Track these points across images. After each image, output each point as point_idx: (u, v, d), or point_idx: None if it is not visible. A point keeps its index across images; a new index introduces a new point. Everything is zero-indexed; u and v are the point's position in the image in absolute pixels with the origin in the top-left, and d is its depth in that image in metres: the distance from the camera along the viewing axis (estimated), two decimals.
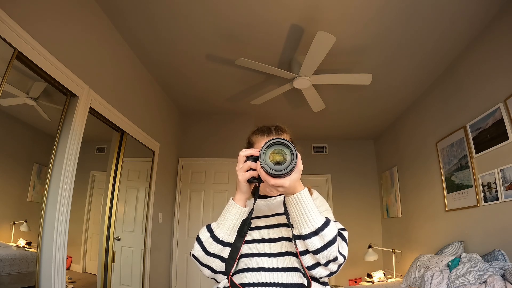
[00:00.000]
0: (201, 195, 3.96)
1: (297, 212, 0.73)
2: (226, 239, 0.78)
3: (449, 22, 2.27)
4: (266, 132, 0.97)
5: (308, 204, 0.73)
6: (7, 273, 1.59)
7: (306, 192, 0.73)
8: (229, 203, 0.80)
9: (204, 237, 0.81)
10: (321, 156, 5.02)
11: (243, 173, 0.76)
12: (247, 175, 0.76)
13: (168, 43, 2.57)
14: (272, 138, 0.70)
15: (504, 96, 2.10)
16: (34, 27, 1.55)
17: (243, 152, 0.76)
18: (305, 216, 0.72)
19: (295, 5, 2.11)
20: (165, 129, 3.56)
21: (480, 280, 1.89)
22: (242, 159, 0.76)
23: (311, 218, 0.72)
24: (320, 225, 0.72)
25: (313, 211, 0.73)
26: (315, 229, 0.71)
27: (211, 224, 0.83)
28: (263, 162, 0.69)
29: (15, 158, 1.77)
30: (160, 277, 3.38)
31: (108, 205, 2.47)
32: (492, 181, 2.21)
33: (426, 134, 3.29)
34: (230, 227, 0.79)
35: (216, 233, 0.79)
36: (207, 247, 0.79)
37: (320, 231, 0.71)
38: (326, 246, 0.72)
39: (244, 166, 0.76)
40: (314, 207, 0.73)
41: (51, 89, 1.79)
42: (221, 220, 0.80)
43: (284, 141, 0.69)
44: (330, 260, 0.74)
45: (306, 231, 0.72)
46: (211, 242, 0.79)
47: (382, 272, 3.59)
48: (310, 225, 0.72)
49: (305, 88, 2.74)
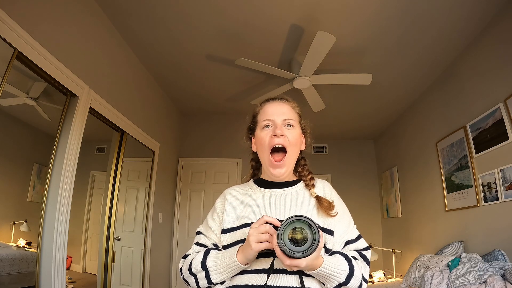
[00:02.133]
0: (201, 195, 3.96)
1: (321, 278, 0.71)
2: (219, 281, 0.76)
3: (449, 22, 2.26)
4: (271, 99, 0.92)
5: (330, 270, 0.69)
6: (7, 273, 1.59)
7: (326, 262, 0.68)
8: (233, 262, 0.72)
9: (199, 275, 0.77)
10: (321, 156, 5.02)
11: (258, 244, 0.68)
12: (261, 246, 0.68)
13: (168, 43, 2.57)
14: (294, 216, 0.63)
15: (504, 96, 2.10)
16: (34, 27, 1.55)
17: (267, 217, 0.69)
18: (329, 277, 0.69)
19: (295, 5, 2.11)
20: (165, 129, 3.56)
21: (480, 280, 1.89)
22: (262, 221, 0.69)
23: (335, 277, 0.69)
24: (344, 279, 0.70)
25: (336, 271, 0.69)
26: (339, 284, 0.70)
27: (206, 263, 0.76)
28: (280, 239, 0.62)
29: (15, 158, 1.77)
30: (160, 277, 3.38)
31: (108, 205, 2.47)
32: (492, 181, 2.21)
33: (426, 134, 3.29)
34: (225, 277, 0.75)
35: (212, 278, 0.75)
36: (200, 284, 0.77)
37: (345, 284, 0.70)
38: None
39: (261, 236, 0.67)
40: (334, 265, 0.70)
41: (51, 89, 1.79)
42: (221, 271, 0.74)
43: (307, 219, 0.63)
44: None
45: (331, 286, 0.71)
46: (205, 283, 0.76)
47: (382, 272, 3.59)
48: (335, 281, 0.70)
49: (305, 88, 2.74)
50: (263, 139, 0.85)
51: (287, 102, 0.91)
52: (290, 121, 0.86)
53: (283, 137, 0.83)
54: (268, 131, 0.85)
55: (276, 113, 0.86)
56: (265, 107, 0.90)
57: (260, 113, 0.90)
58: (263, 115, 0.88)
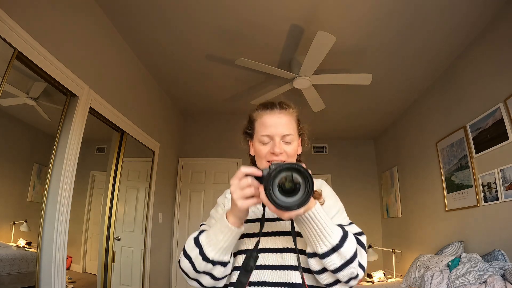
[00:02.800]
0: (201, 195, 3.96)
1: (310, 231, 0.64)
2: (217, 259, 0.69)
3: (449, 22, 2.26)
4: (270, 106, 0.85)
5: (322, 220, 0.63)
6: (7, 273, 1.59)
7: (318, 207, 0.64)
8: (222, 222, 0.68)
9: (193, 254, 0.71)
10: (321, 156, 5.01)
11: (243, 201, 0.62)
12: (248, 203, 0.63)
13: (168, 43, 2.56)
14: (284, 164, 0.57)
15: (504, 96, 2.10)
16: (34, 27, 1.55)
17: (244, 169, 0.63)
18: (320, 234, 0.63)
19: (295, 5, 2.11)
20: (165, 129, 3.56)
21: (480, 280, 1.89)
22: (240, 175, 0.63)
23: (327, 235, 0.63)
24: (337, 241, 0.63)
25: (329, 226, 0.64)
26: (333, 246, 0.63)
27: (199, 238, 0.72)
28: (269, 192, 0.56)
29: (15, 158, 1.77)
30: (160, 277, 3.38)
31: (108, 205, 2.47)
32: (492, 181, 2.21)
33: (426, 134, 3.29)
34: (222, 248, 0.69)
35: (206, 251, 0.69)
36: (196, 266, 0.70)
37: (338, 247, 0.63)
38: (346, 264, 0.64)
39: (245, 191, 0.62)
40: (328, 220, 0.64)
41: (51, 89, 1.79)
42: (212, 239, 0.70)
43: (296, 166, 0.57)
44: (351, 277, 0.66)
45: (323, 249, 0.64)
46: (201, 261, 0.70)
47: (382, 272, 3.59)
48: (327, 242, 0.63)
49: (305, 88, 2.74)
50: (262, 151, 0.82)
51: (285, 110, 0.85)
52: (289, 137, 0.82)
53: (282, 154, 0.81)
54: (266, 146, 0.82)
55: (275, 127, 0.82)
56: (264, 117, 0.84)
57: (258, 121, 0.85)
58: (262, 128, 0.83)
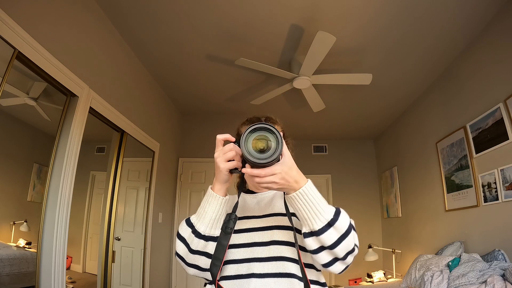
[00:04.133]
0: (201, 195, 3.96)
1: (305, 209, 0.67)
2: (208, 233, 0.73)
3: (449, 22, 2.26)
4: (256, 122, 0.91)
5: (316, 196, 0.67)
6: (7, 273, 1.59)
7: (310, 184, 0.67)
8: (208, 193, 0.74)
9: (186, 234, 0.75)
10: (321, 156, 5.02)
11: (225, 163, 0.69)
12: (229, 165, 0.69)
13: (168, 43, 2.57)
14: (255, 123, 0.63)
15: (504, 96, 2.10)
16: (34, 27, 1.55)
17: (220, 136, 0.69)
18: (315, 210, 0.66)
19: (295, 5, 2.11)
20: (165, 129, 3.56)
21: (480, 280, 1.89)
22: (220, 143, 0.70)
23: (322, 210, 0.66)
24: (332, 215, 0.66)
25: (323, 203, 0.67)
26: (328, 221, 0.66)
27: (190, 218, 0.77)
28: (244, 149, 0.62)
29: (15, 158, 1.77)
30: (160, 277, 3.38)
31: (108, 205, 2.47)
32: (492, 181, 2.21)
33: (426, 134, 3.29)
34: (211, 220, 0.73)
35: (197, 227, 0.73)
36: (191, 245, 0.73)
37: (334, 222, 0.66)
38: (343, 237, 0.67)
39: (227, 154, 0.68)
40: (320, 197, 0.68)
41: (51, 89, 1.79)
42: (201, 213, 0.74)
43: (267, 125, 0.62)
44: (348, 252, 0.69)
45: (318, 225, 0.66)
46: (193, 238, 0.73)
47: (382, 272, 3.59)
48: (322, 218, 0.66)
49: (305, 88, 2.74)
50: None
51: (270, 122, 0.89)
52: None
53: None
54: None
55: None
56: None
57: None
58: None
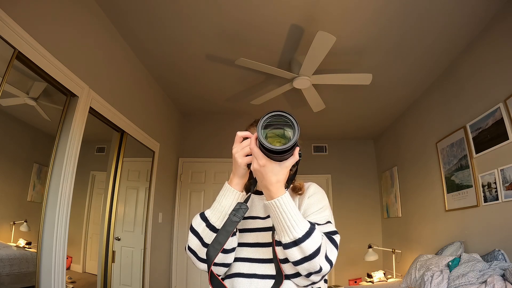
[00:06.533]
0: (201, 195, 3.96)
1: (276, 219, 0.66)
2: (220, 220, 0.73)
3: (449, 22, 2.26)
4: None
5: (288, 210, 0.65)
6: (7, 273, 1.59)
7: (286, 197, 0.66)
8: (225, 188, 0.75)
9: (200, 228, 0.74)
10: (321, 156, 5.02)
11: (243, 157, 0.71)
12: (247, 160, 0.70)
13: (168, 43, 2.56)
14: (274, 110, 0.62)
15: (504, 96, 2.10)
16: (34, 27, 1.55)
17: (240, 133, 0.72)
18: (285, 224, 0.65)
19: (295, 5, 2.11)
20: (165, 129, 3.56)
21: (480, 280, 1.89)
22: (239, 139, 0.72)
23: (291, 227, 0.65)
24: (300, 235, 0.64)
25: (294, 219, 0.65)
26: (294, 240, 0.64)
27: (205, 212, 0.77)
28: (260, 138, 0.61)
29: (15, 158, 1.77)
30: (160, 277, 3.38)
31: (108, 205, 2.47)
32: (492, 181, 2.21)
33: (426, 134, 3.29)
34: (226, 214, 0.73)
35: (212, 221, 0.73)
36: (204, 238, 0.73)
37: (300, 242, 0.64)
38: (306, 259, 0.65)
39: (245, 149, 0.70)
40: (295, 213, 0.66)
41: (51, 89, 1.79)
42: (216, 206, 0.74)
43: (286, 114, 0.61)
44: (311, 272, 0.67)
45: (285, 240, 0.66)
46: (208, 232, 0.73)
47: (382, 272, 3.59)
48: (290, 234, 0.65)
49: (305, 88, 2.74)
50: None
51: None
52: None
53: None
54: None
55: None
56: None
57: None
58: None
